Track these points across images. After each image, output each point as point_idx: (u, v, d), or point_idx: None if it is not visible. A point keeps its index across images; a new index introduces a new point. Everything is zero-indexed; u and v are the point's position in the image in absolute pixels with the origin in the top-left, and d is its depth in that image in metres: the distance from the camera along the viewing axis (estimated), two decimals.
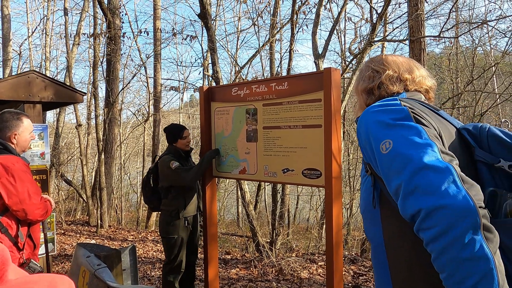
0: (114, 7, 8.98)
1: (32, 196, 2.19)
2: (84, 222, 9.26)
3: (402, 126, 0.97)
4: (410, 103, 1.07)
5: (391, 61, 1.26)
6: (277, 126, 2.86)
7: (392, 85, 1.21)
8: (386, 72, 1.23)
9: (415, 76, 1.23)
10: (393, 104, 1.05)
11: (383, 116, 1.02)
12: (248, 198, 5.68)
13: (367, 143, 1.06)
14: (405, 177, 0.89)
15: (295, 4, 6.16)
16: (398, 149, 0.94)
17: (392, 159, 0.94)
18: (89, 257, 2.84)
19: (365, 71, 1.30)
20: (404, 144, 0.93)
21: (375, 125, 1.02)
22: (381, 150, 0.97)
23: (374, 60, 1.30)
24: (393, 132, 0.97)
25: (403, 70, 1.23)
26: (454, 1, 6.19)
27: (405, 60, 1.28)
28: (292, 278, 4.49)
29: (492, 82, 9.44)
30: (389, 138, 0.96)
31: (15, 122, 2.28)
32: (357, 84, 1.32)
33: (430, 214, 0.84)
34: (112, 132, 8.98)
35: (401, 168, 0.91)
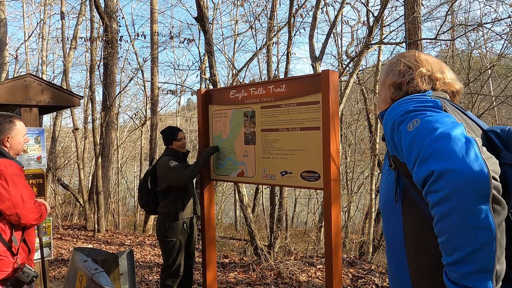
0: (111, 11, 8.97)
1: (26, 200, 2.16)
2: (81, 226, 9.20)
3: (432, 109, 1.00)
4: (440, 98, 1.09)
5: (424, 59, 1.25)
6: (275, 128, 2.85)
7: (422, 83, 1.21)
8: (419, 69, 1.22)
9: (446, 77, 1.23)
10: (423, 96, 1.07)
11: (413, 104, 1.04)
12: (246, 201, 5.67)
13: (394, 132, 1.05)
14: (426, 143, 0.90)
15: (292, 8, 6.18)
16: (424, 124, 0.95)
17: (417, 132, 0.94)
18: (86, 261, 2.82)
19: (395, 64, 1.28)
20: (431, 120, 0.94)
21: (404, 112, 1.03)
22: (408, 128, 0.98)
23: (406, 56, 1.28)
24: (421, 113, 0.99)
25: (436, 70, 1.22)
26: (450, 4, 6.23)
27: (437, 61, 1.27)
28: (291, 281, 4.46)
29: (488, 84, 9.48)
30: (417, 118, 0.98)
31: (8, 125, 2.26)
32: (385, 77, 1.30)
33: (442, 176, 0.84)
34: (109, 136, 8.95)
35: (424, 137, 0.92)
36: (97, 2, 8.62)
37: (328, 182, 2.50)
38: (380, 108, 1.31)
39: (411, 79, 1.21)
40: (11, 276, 2.16)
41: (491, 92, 9.21)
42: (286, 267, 4.72)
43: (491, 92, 9.21)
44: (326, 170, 2.51)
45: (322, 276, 4.55)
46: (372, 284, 4.18)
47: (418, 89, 1.19)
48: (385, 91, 1.28)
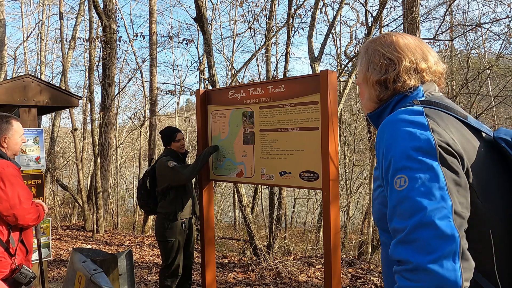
0: (109, 11, 8.97)
1: (23, 201, 2.16)
2: (80, 227, 9.19)
3: (424, 165, 0.87)
4: (434, 116, 0.95)
5: (404, 46, 1.10)
6: (274, 128, 2.85)
7: (410, 78, 1.08)
8: (403, 63, 1.08)
9: (431, 64, 1.11)
10: (420, 124, 0.92)
11: (408, 142, 0.91)
12: (245, 201, 5.67)
13: (384, 161, 0.96)
14: (409, 225, 0.84)
15: (290, 8, 6.18)
16: (411, 192, 0.86)
17: (402, 200, 0.87)
18: (85, 262, 2.82)
19: (373, 56, 1.13)
20: (419, 189, 0.85)
21: (398, 149, 0.92)
22: (395, 184, 0.89)
23: (384, 44, 1.12)
24: (412, 170, 0.87)
25: (419, 59, 1.09)
26: (449, 4, 6.24)
27: (416, 42, 1.13)
28: (290, 281, 4.47)
29: (486, 84, 9.50)
30: (406, 175, 0.87)
31: (4, 125, 2.26)
32: (365, 72, 1.15)
33: (418, 271, 0.82)
34: (108, 136, 8.94)
35: (409, 214, 0.85)
36: (96, 3, 8.62)
37: (327, 182, 2.50)
38: (368, 108, 1.20)
39: (397, 76, 1.08)
40: (9, 277, 2.15)
41: (490, 92, 9.23)
42: (285, 267, 4.73)
43: (490, 92, 9.23)
44: (325, 170, 2.51)
45: (321, 276, 4.56)
46: (371, 284, 4.18)
47: (406, 86, 1.08)
48: (369, 90, 1.15)
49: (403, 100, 1.09)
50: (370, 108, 1.18)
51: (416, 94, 1.07)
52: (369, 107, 1.18)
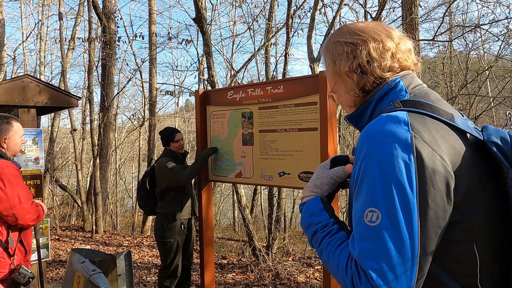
0: (109, 12, 8.97)
1: (23, 201, 2.17)
2: (79, 227, 9.18)
3: (398, 192, 0.78)
4: (420, 128, 0.83)
5: (363, 27, 1.01)
6: (273, 129, 2.85)
7: (383, 59, 0.97)
8: (368, 43, 0.97)
9: (397, 41, 1.00)
10: (403, 143, 0.81)
11: (387, 168, 0.80)
12: (244, 202, 5.67)
13: (360, 180, 0.85)
14: (367, 267, 0.78)
15: (290, 9, 6.19)
16: (382, 233, 0.77)
17: (371, 237, 0.78)
18: (84, 262, 2.81)
19: (335, 49, 1.02)
20: (391, 230, 0.77)
21: (376, 176, 0.81)
22: (365, 217, 0.80)
23: (342, 34, 1.02)
24: (385, 202, 0.78)
25: (384, 36, 0.98)
26: (448, 6, 6.25)
27: (375, 23, 1.04)
28: (289, 282, 4.47)
29: (485, 85, 9.52)
30: (379, 209, 0.78)
31: (5, 126, 2.27)
32: (333, 67, 1.03)
33: None
34: (107, 137, 8.94)
35: (374, 256, 0.77)
36: (95, 3, 8.62)
37: None
38: (347, 103, 1.07)
39: (368, 57, 0.97)
40: (8, 277, 2.16)
41: (489, 93, 9.25)
42: (284, 268, 4.73)
43: (489, 93, 9.25)
44: None
45: (320, 277, 4.56)
46: None
47: (385, 67, 0.97)
48: (344, 82, 1.03)
49: (385, 97, 0.97)
50: (349, 103, 1.05)
51: (399, 90, 0.96)
52: (349, 102, 1.05)
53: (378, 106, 0.99)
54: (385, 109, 0.93)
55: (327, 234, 0.93)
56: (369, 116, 1.01)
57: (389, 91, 0.97)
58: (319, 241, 0.94)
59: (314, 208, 0.99)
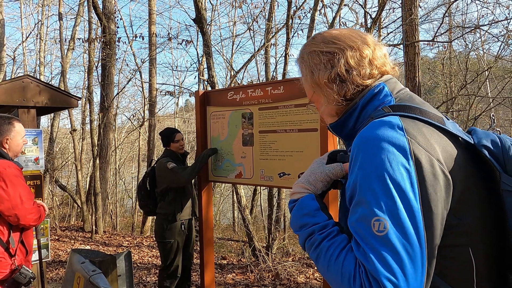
0: (109, 12, 8.98)
1: (25, 201, 2.17)
2: (78, 227, 9.18)
3: (402, 199, 0.76)
4: (415, 133, 0.82)
5: (338, 35, 0.98)
6: (273, 130, 2.86)
7: (362, 66, 0.95)
8: (346, 51, 0.95)
9: (373, 48, 0.97)
10: (401, 148, 0.79)
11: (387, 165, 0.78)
12: (244, 202, 5.67)
13: (358, 189, 0.81)
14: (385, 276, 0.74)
15: (290, 9, 6.20)
16: (392, 242, 0.75)
17: (382, 247, 0.75)
18: (84, 263, 2.81)
19: (311, 59, 0.99)
20: (401, 238, 0.75)
21: (376, 185, 0.78)
22: (372, 227, 0.77)
23: (316, 43, 1.00)
24: (391, 210, 0.76)
25: (360, 43, 0.96)
26: (448, 6, 6.26)
27: (349, 30, 1.01)
28: (289, 282, 4.47)
29: (485, 86, 9.53)
30: (386, 218, 0.76)
31: (7, 126, 2.27)
32: (311, 78, 1.00)
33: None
34: (107, 137, 8.94)
35: (387, 265, 0.75)
36: (95, 3, 8.62)
37: None
38: (329, 113, 1.03)
39: (347, 65, 0.95)
40: (9, 277, 2.16)
41: (488, 94, 9.26)
42: (284, 269, 4.73)
43: (488, 94, 9.26)
44: None
45: (320, 278, 4.56)
46: None
47: (365, 75, 0.95)
48: (325, 93, 0.99)
49: (370, 103, 0.95)
50: (331, 112, 1.02)
51: (384, 96, 0.94)
52: (331, 112, 1.02)
53: (363, 112, 0.96)
54: (373, 115, 0.90)
55: (327, 237, 0.86)
56: (353, 123, 0.98)
57: (374, 97, 0.95)
58: (316, 243, 0.86)
59: (309, 207, 0.92)
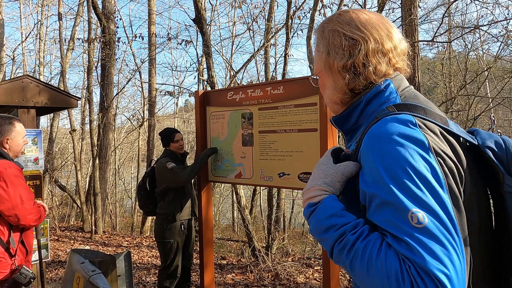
0: (108, 12, 8.97)
1: (25, 201, 2.17)
2: (78, 228, 9.18)
3: (431, 192, 0.75)
4: (427, 129, 0.82)
5: (366, 22, 0.95)
6: (273, 130, 2.86)
7: (380, 63, 0.93)
8: (368, 44, 0.92)
9: (395, 43, 0.95)
10: (420, 143, 0.78)
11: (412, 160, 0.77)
12: (243, 202, 5.68)
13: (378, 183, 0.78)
14: (438, 268, 0.72)
15: (289, 9, 6.20)
16: (435, 233, 0.73)
17: (426, 239, 0.73)
18: (84, 263, 2.81)
19: (332, 38, 0.96)
20: (442, 229, 0.73)
21: (405, 171, 0.76)
22: (410, 220, 0.74)
23: (342, 22, 0.96)
24: (424, 200, 0.75)
25: (384, 37, 0.94)
26: (447, 7, 6.27)
27: (378, 18, 0.97)
28: (289, 282, 4.47)
29: (484, 86, 9.53)
30: (422, 209, 0.74)
31: (7, 127, 2.27)
32: (326, 58, 0.98)
33: None
34: (106, 137, 8.94)
35: (437, 257, 0.72)
36: (95, 4, 8.62)
37: None
38: (332, 100, 1.01)
39: (365, 59, 0.93)
40: (9, 278, 2.16)
41: (488, 94, 9.26)
42: (283, 269, 4.73)
43: (488, 94, 9.26)
44: None
45: (319, 278, 4.56)
46: None
47: (379, 73, 0.94)
48: (334, 78, 0.98)
49: (374, 99, 0.94)
50: (335, 99, 1.00)
51: (389, 93, 0.93)
52: (335, 99, 1.00)
53: (367, 108, 0.95)
54: (378, 114, 0.89)
55: (360, 236, 0.79)
56: (356, 118, 0.97)
57: (379, 93, 0.93)
58: (350, 245, 0.79)
59: (335, 207, 0.85)
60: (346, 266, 0.81)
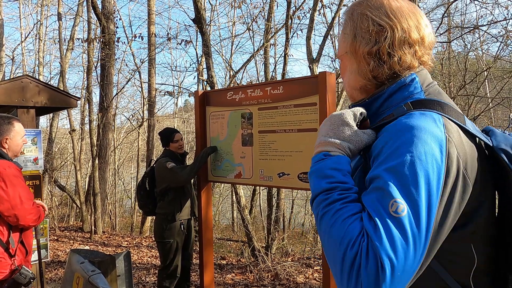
0: (108, 12, 8.97)
1: (24, 201, 2.17)
2: (77, 228, 9.17)
3: (426, 190, 0.77)
4: (452, 129, 0.82)
5: (397, 9, 0.92)
6: (273, 130, 2.86)
7: (405, 54, 0.92)
8: (394, 32, 0.90)
9: (423, 34, 0.93)
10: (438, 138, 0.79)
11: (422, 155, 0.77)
12: (243, 202, 5.67)
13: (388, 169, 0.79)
14: (388, 255, 0.73)
15: (289, 9, 6.20)
16: (405, 227, 0.74)
17: (394, 228, 0.74)
18: (83, 263, 2.81)
19: (360, 21, 0.94)
20: (414, 226, 0.75)
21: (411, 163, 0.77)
22: (390, 206, 0.76)
23: (372, 7, 0.94)
24: (413, 197, 0.76)
25: (413, 27, 0.92)
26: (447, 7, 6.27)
27: (409, 6, 0.95)
28: (288, 282, 4.47)
29: (484, 86, 9.54)
30: (406, 203, 0.75)
31: (6, 126, 2.27)
32: (352, 41, 0.96)
33: None
34: (106, 137, 8.94)
35: (394, 247, 0.73)
36: (94, 4, 8.62)
37: None
38: (352, 85, 1.00)
39: (391, 48, 0.91)
40: (9, 278, 2.16)
41: (487, 94, 9.27)
42: (283, 269, 4.73)
43: (487, 94, 9.27)
44: None
45: (319, 278, 4.56)
46: None
47: (404, 64, 0.92)
48: (358, 63, 0.96)
49: (398, 92, 0.93)
50: (356, 85, 0.99)
51: (414, 88, 0.92)
52: (356, 84, 0.98)
53: (390, 100, 0.94)
54: (395, 112, 0.89)
55: (344, 199, 0.82)
56: (376, 108, 0.96)
57: (403, 87, 0.93)
58: (330, 201, 0.83)
59: (344, 166, 0.87)
60: (317, 218, 0.85)
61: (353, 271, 0.74)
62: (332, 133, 0.91)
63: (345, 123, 0.91)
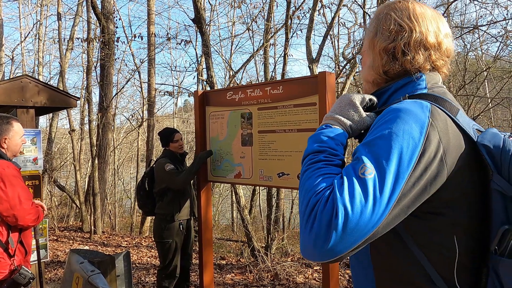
0: (108, 12, 8.97)
1: (23, 202, 2.17)
2: (77, 228, 9.17)
3: (397, 163, 0.81)
4: (437, 116, 0.87)
5: (419, 14, 0.98)
6: (272, 130, 2.86)
7: (418, 55, 0.97)
8: (413, 34, 0.96)
9: (441, 41, 0.98)
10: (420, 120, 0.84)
11: (400, 132, 0.83)
12: (243, 202, 5.67)
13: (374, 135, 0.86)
14: (344, 204, 0.77)
15: (289, 9, 6.20)
16: (367, 188, 0.79)
17: (357, 185, 0.79)
18: (83, 263, 2.81)
19: (384, 20, 1.01)
20: (376, 192, 0.79)
21: (388, 137, 0.83)
22: (360, 168, 0.81)
23: (397, 9, 1.00)
24: (382, 166, 0.80)
25: (431, 32, 0.97)
26: (446, 7, 6.28)
27: (432, 13, 1.00)
28: (288, 283, 4.47)
29: (484, 86, 9.55)
30: (375, 168, 0.80)
31: (5, 126, 2.27)
32: (373, 38, 1.03)
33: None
34: (105, 137, 8.93)
35: (352, 200, 0.77)
36: (94, 3, 8.61)
37: None
38: (366, 78, 1.08)
39: (407, 47, 0.96)
40: (8, 278, 2.16)
41: (487, 94, 9.27)
42: (283, 269, 4.73)
43: (487, 94, 9.27)
44: None
45: (319, 278, 4.56)
46: None
47: (415, 64, 0.97)
48: (374, 57, 1.03)
49: (403, 88, 0.99)
50: (369, 78, 1.06)
51: (418, 85, 0.97)
52: (369, 78, 1.06)
53: (395, 94, 1.00)
54: (398, 99, 0.96)
55: (327, 162, 0.90)
56: (384, 101, 1.03)
57: (409, 83, 0.99)
58: (315, 160, 0.91)
59: (341, 140, 0.95)
60: (301, 173, 0.93)
61: (312, 215, 0.79)
62: (338, 111, 1.00)
63: (352, 104, 0.99)
